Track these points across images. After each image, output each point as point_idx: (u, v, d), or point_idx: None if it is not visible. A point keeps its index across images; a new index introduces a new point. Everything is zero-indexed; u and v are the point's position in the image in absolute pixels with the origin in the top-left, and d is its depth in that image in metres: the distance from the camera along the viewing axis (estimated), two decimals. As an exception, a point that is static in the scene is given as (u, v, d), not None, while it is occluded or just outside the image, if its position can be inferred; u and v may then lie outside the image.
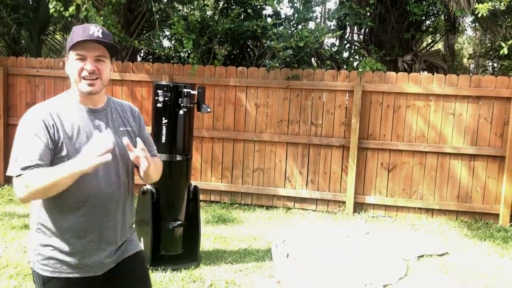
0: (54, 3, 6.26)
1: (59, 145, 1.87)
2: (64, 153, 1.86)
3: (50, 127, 1.86)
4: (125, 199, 2.06)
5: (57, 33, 9.51)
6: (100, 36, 1.91)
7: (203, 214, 6.05)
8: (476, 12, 5.49)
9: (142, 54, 9.48)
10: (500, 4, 5.38)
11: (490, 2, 5.31)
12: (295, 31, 6.95)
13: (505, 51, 6.05)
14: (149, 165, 1.89)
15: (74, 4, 6.18)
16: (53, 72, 7.00)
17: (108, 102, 2.08)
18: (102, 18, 6.22)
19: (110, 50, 1.97)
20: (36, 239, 1.96)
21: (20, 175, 1.78)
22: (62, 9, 6.28)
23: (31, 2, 9.21)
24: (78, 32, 1.92)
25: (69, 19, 7.34)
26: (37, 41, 8.84)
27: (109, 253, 2.02)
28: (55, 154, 1.86)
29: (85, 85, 1.93)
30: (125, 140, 1.88)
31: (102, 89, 1.98)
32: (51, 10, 6.43)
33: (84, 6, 6.12)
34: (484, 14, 5.41)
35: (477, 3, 5.95)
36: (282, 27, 7.16)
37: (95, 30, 1.91)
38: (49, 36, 9.52)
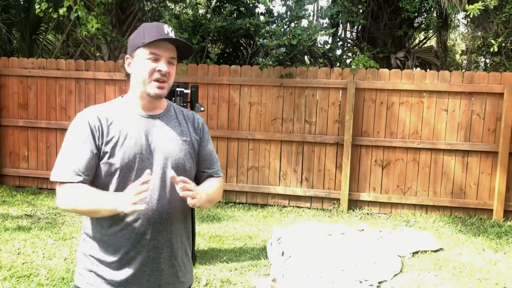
0: (40, 3, 6.21)
1: (105, 150, 1.74)
2: (111, 160, 1.74)
3: (96, 130, 1.74)
4: (177, 208, 1.82)
5: (50, 33, 9.44)
6: (174, 36, 1.77)
7: (197, 213, 6.04)
8: (468, 13, 5.51)
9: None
10: (491, 3, 5.40)
11: (481, 1, 5.33)
12: (288, 29, 6.95)
13: (495, 48, 6.09)
14: (195, 204, 1.68)
15: (65, 5, 6.14)
16: (45, 72, 6.96)
17: (168, 108, 1.91)
18: (93, 18, 6.20)
19: (180, 53, 1.83)
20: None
21: (63, 182, 1.70)
22: (50, 10, 6.24)
23: (22, 2, 9.15)
24: (152, 30, 1.77)
25: (61, 18, 7.31)
26: (29, 41, 8.79)
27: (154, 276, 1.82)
28: (100, 159, 1.74)
29: (154, 87, 1.77)
30: (171, 172, 1.68)
31: (166, 94, 1.83)
32: (37, 11, 6.38)
33: (75, 7, 6.09)
34: (476, 15, 5.43)
35: (467, 4, 5.97)
36: (275, 25, 7.16)
37: (169, 30, 1.78)
38: (41, 36, 9.46)
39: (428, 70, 7.90)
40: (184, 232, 1.89)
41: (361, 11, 8.03)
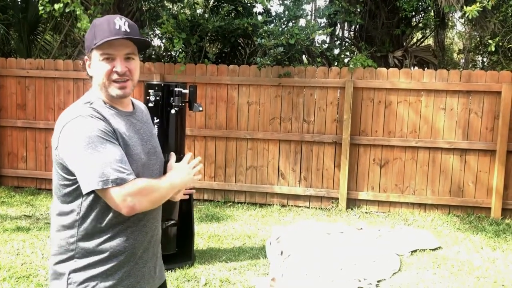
0: (44, 5, 6.22)
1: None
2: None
3: (110, 129, 1.63)
4: (159, 211, 1.84)
5: (47, 33, 9.43)
6: (128, 30, 1.64)
7: (196, 213, 6.05)
8: (466, 15, 5.51)
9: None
10: (488, 4, 5.40)
11: (479, 3, 5.33)
12: (285, 28, 6.96)
13: (492, 48, 6.11)
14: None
15: (61, 2, 6.14)
16: (43, 73, 6.96)
17: (134, 103, 1.86)
18: (90, 18, 6.20)
19: (138, 44, 1.71)
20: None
21: (121, 183, 1.53)
22: (52, 9, 6.24)
23: (20, 3, 9.14)
24: (102, 27, 1.63)
25: (59, 19, 7.30)
26: (27, 42, 8.78)
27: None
28: None
29: (115, 89, 1.67)
30: (173, 157, 1.81)
31: (132, 90, 1.74)
32: (41, 11, 6.39)
33: (73, 4, 6.09)
34: (474, 16, 5.43)
35: (465, 3, 5.98)
36: (272, 25, 7.17)
37: (121, 23, 1.63)
38: (39, 37, 9.45)
39: (426, 69, 7.92)
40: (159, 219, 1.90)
41: (358, 10, 8.05)
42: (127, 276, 1.70)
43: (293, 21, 7.23)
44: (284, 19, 7.28)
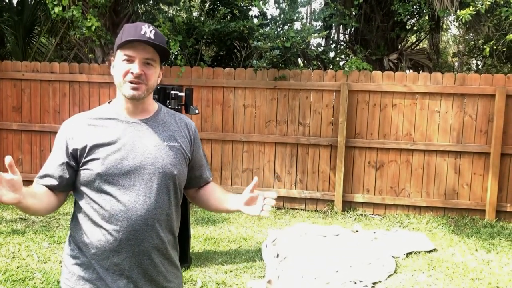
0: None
1: (85, 156, 1.72)
2: (91, 166, 1.71)
3: (70, 138, 1.75)
4: (160, 221, 1.78)
5: (43, 36, 9.41)
6: (152, 37, 1.71)
7: (192, 215, 6.05)
8: (460, 18, 5.55)
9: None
10: (482, 7, 5.45)
11: (472, 6, 5.38)
12: (281, 31, 6.99)
13: (487, 52, 6.16)
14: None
15: (63, 3, 6.16)
16: (39, 76, 6.95)
17: (158, 112, 1.87)
18: (92, 18, 6.22)
19: (160, 54, 1.77)
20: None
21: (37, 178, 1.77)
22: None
23: (15, 5, 9.12)
24: (129, 31, 1.72)
25: (55, 22, 7.30)
26: (22, 44, 8.76)
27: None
28: (78, 164, 1.74)
29: (128, 88, 1.73)
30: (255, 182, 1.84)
31: (146, 95, 1.79)
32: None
33: (72, 7, 6.10)
34: (467, 20, 5.48)
35: (459, 7, 6.03)
36: (268, 28, 7.19)
37: (147, 30, 1.71)
38: (34, 39, 9.44)
39: (420, 72, 7.96)
40: (171, 239, 1.90)
41: (353, 13, 8.08)
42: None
43: (288, 24, 7.26)
44: (279, 22, 7.31)
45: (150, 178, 1.74)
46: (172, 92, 4.15)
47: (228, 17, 8.00)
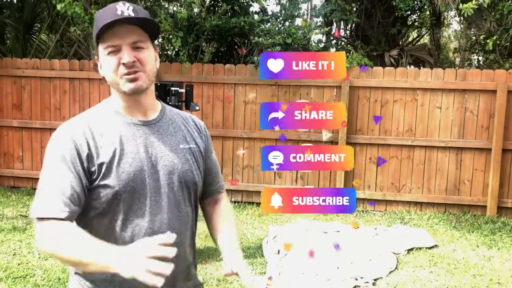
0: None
1: (97, 171, 1.42)
2: (105, 182, 1.42)
3: (82, 150, 1.41)
4: (186, 235, 1.59)
5: (43, 33, 9.40)
6: (132, 14, 1.40)
7: (193, 212, 6.04)
8: (462, 12, 5.53)
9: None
10: (484, 1, 5.43)
11: (474, 0, 5.36)
12: (282, 27, 6.97)
13: (490, 46, 6.13)
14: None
15: (62, 2, 6.14)
16: (39, 73, 6.93)
17: (163, 111, 1.61)
18: (88, 17, 6.20)
19: (149, 31, 1.46)
20: None
21: (42, 218, 1.35)
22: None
23: (16, 2, 9.11)
24: (102, 16, 1.40)
25: (55, 19, 7.28)
26: (23, 41, 8.75)
27: None
28: (91, 182, 1.42)
29: (126, 83, 1.43)
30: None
31: (149, 84, 1.50)
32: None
33: (74, 3, 6.08)
34: (470, 14, 5.46)
35: (461, 2, 6.01)
36: (269, 24, 7.17)
37: (123, 8, 1.40)
38: (34, 36, 9.42)
39: (421, 67, 7.94)
40: (191, 257, 1.69)
41: (354, 9, 8.06)
42: None
43: (289, 20, 7.24)
44: (280, 18, 7.29)
45: (172, 189, 1.51)
46: (172, 88, 4.13)
47: (229, 13, 7.98)
